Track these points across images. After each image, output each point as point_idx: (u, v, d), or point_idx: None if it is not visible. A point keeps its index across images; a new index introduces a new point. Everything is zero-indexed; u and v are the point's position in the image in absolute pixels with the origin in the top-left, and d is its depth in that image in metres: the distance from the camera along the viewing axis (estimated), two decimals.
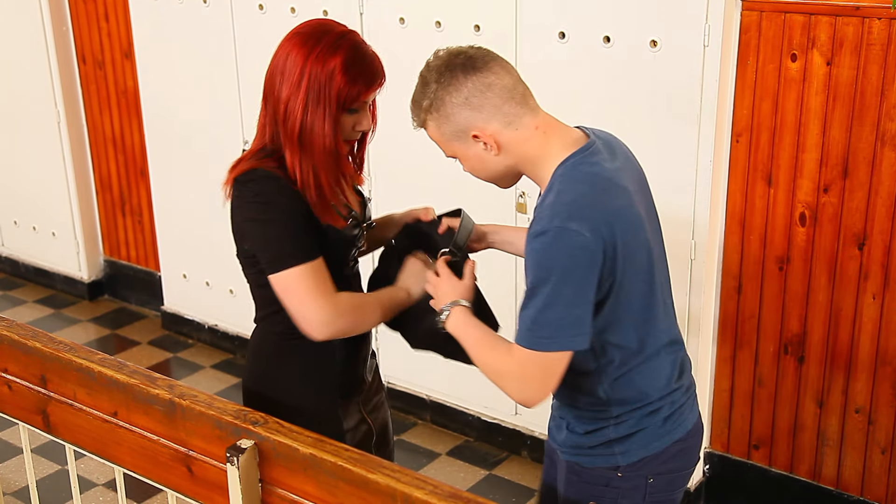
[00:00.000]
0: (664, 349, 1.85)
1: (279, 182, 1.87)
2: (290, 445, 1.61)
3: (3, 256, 5.03)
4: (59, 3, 4.34)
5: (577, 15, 2.89)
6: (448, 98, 1.74)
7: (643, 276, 1.77)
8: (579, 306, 1.67)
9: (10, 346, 1.97)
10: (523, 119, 1.76)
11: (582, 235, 1.64)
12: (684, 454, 1.89)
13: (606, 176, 1.74)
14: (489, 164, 1.79)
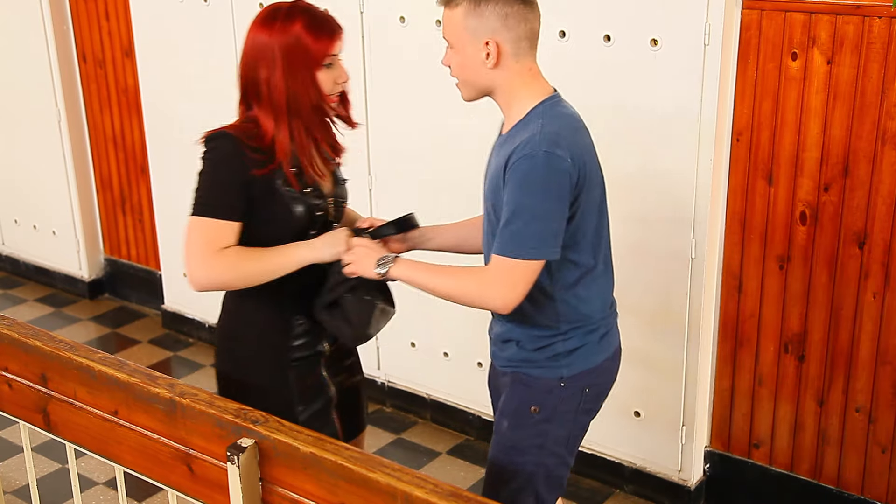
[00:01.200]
0: (604, 277, 2.13)
1: (230, 142, 2.03)
2: (291, 444, 1.61)
3: (4, 255, 5.04)
4: (60, 2, 4.35)
5: (577, 14, 2.89)
6: (493, 4, 1.94)
7: (596, 206, 2.05)
8: (556, 221, 1.92)
9: (10, 345, 1.97)
10: (526, 59, 2.01)
11: (566, 161, 1.90)
12: (611, 370, 2.20)
13: (577, 117, 2.05)
14: (476, 70, 2.00)
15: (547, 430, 2.11)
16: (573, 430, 2.15)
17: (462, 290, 1.99)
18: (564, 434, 2.13)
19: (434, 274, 2.02)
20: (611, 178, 2.96)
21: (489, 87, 2.03)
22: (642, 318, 3.04)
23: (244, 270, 2.02)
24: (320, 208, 2.12)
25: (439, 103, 3.26)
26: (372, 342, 3.70)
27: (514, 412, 2.13)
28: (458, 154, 3.27)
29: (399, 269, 2.03)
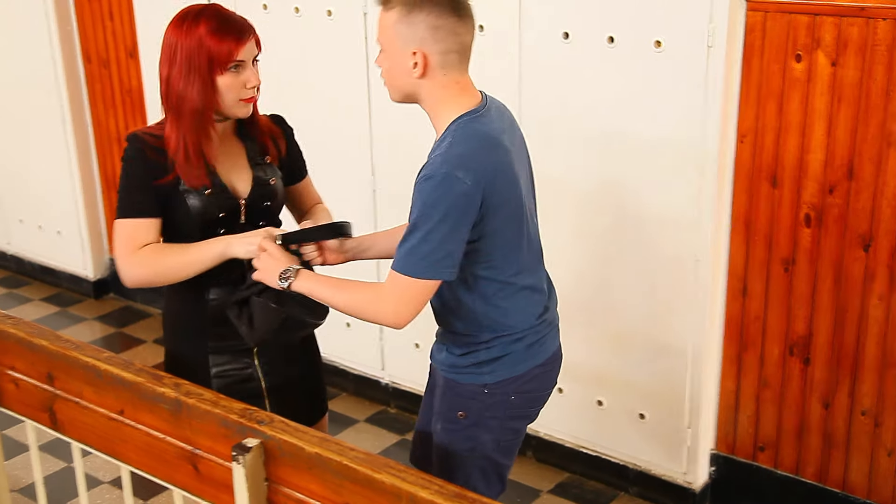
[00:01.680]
0: (528, 289, 2.13)
1: (136, 143, 2.14)
2: (296, 444, 1.62)
3: (9, 255, 5.06)
4: (64, 3, 4.36)
5: (581, 15, 2.90)
6: (425, 14, 1.95)
7: (514, 224, 2.05)
8: (452, 243, 1.93)
9: (16, 344, 1.98)
10: (454, 71, 2.01)
11: (465, 183, 1.90)
12: (543, 378, 2.21)
13: (493, 135, 2.00)
14: (403, 76, 2.01)
15: (475, 435, 2.15)
16: (502, 434, 2.18)
17: (358, 305, 2.02)
18: (493, 438, 2.16)
19: (334, 288, 2.04)
20: (614, 180, 2.98)
21: (414, 95, 2.04)
22: (647, 320, 3.05)
23: (162, 265, 2.13)
24: (225, 208, 2.17)
25: None
26: (376, 343, 3.72)
27: (446, 416, 2.19)
28: None
29: (301, 282, 2.05)
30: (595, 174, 3.02)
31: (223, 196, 2.17)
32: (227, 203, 2.18)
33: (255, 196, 2.22)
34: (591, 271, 3.12)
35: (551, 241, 3.15)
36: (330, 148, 3.48)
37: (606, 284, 3.11)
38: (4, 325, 2.00)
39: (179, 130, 2.12)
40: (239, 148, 2.24)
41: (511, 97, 3.09)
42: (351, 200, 3.44)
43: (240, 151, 2.24)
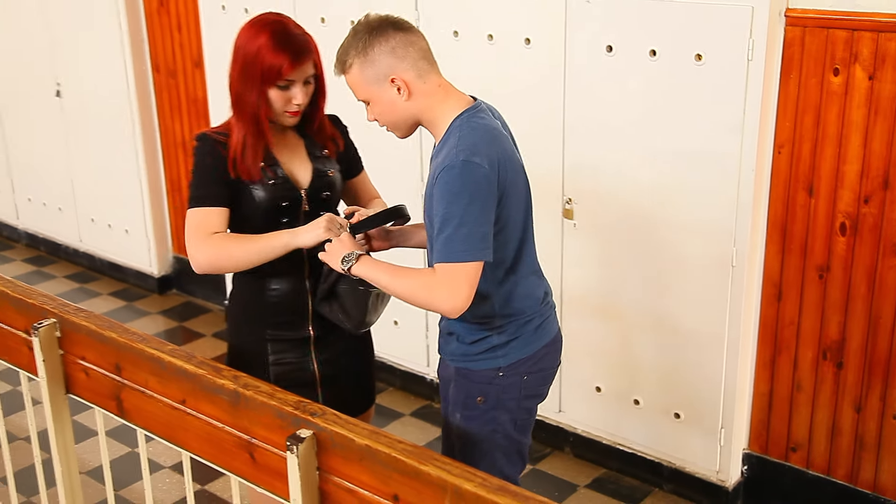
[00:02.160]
0: (534, 274, 2.17)
1: (207, 141, 2.18)
2: (347, 436, 1.61)
3: (81, 251, 5.14)
4: (136, 16, 4.43)
5: (624, 29, 2.87)
6: (377, 46, 1.98)
7: (521, 211, 2.09)
8: (485, 224, 1.94)
9: (88, 336, 2.01)
10: (431, 76, 2.03)
11: (483, 167, 1.92)
12: (550, 356, 2.23)
13: (494, 127, 2.04)
14: (398, 108, 2.03)
15: (495, 417, 2.17)
16: (519, 414, 2.20)
17: (414, 292, 2.01)
18: (511, 418, 2.19)
19: (391, 275, 2.04)
20: (653, 188, 2.94)
21: (414, 118, 2.06)
22: (684, 323, 3.01)
23: (229, 252, 2.14)
24: (288, 197, 2.19)
25: None
26: (422, 340, 3.71)
27: (464, 404, 2.19)
28: None
29: (361, 267, 2.06)
30: (636, 182, 2.99)
31: (285, 186, 2.20)
32: (290, 193, 2.21)
33: (315, 186, 2.24)
34: (631, 275, 3.09)
35: (593, 246, 3.14)
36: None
37: (645, 288, 3.07)
38: (77, 318, 2.02)
39: (240, 127, 2.16)
40: (299, 142, 2.27)
41: (555, 108, 3.08)
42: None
43: (300, 146, 2.27)
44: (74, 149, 4.90)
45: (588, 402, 3.33)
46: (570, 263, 3.21)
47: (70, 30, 4.64)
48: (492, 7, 3.15)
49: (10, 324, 2.18)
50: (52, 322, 2.05)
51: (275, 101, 2.14)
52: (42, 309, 2.08)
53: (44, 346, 2.05)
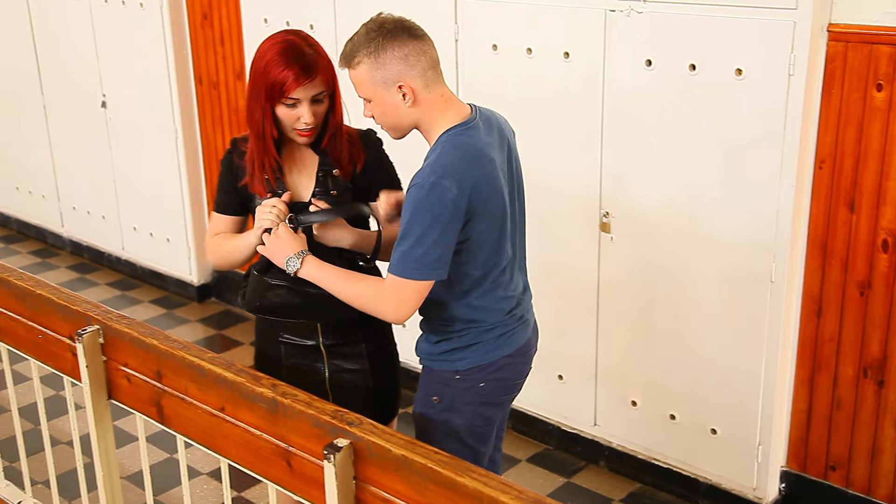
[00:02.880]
0: (502, 288, 2.15)
1: (229, 150, 2.27)
2: (383, 446, 1.62)
3: (123, 259, 5.21)
4: (181, 30, 4.49)
5: (663, 43, 2.86)
6: (391, 50, 1.99)
7: (496, 230, 2.09)
8: (442, 246, 1.97)
9: (130, 343, 2.03)
10: (436, 86, 2.05)
11: (451, 191, 1.94)
12: (512, 368, 2.23)
13: (478, 147, 2.03)
14: (400, 113, 2.04)
15: (448, 419, 2.19)
16: (474, 420, 2.21)
17: (361, 299, 2.06)
18: (465, 423, 2.20)
19: (339, 280, 2.08)
20: (694, 202, 2.92)
21: (413, 124, 2.07)
22: (722, 338, 2.98)
23: (221, 251, 2.27)
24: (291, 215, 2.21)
25: (530, 130, 3.26)
26: None
27: (422, 401, 2.24)
28: (550, 177, 3.26)
29: (307, 268, 2.10)
30: (674, 196, 2.97)
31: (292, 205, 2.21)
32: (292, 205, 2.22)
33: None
34: (667, 289, 3.07)
35: (629, 259, 3.12)
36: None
37: (682, 302, 3.05)
38: (120, 325, 2.05)
39: (250, 140, 2.19)
40: (313, 159, 2.25)
41: (593, 122, 3.07)
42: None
43: (312, 163, 2.25)
44: (118, 158, 4.97)
45: (623, 417, 3.30)
46: (606, 277, 3.20)
47: (117, 42, 4.72)
48: (531, 21, 3.15)
49: (54, 330, 2.21)
50: (96, 329, 2.08)
51: (282, 119, 2.13)
52: (86, 316, 2.12)
53: (87, 352, 2.08)
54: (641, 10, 2.87)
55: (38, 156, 5.45)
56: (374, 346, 2.36)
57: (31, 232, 5.78)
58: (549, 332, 3.40)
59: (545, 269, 3.36)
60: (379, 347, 2.38)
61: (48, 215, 5.58)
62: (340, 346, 2.30)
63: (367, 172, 2.28)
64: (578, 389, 3.39)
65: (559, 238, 3.29)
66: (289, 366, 2.31)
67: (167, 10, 4.40)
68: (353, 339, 2.30)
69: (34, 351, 2.30)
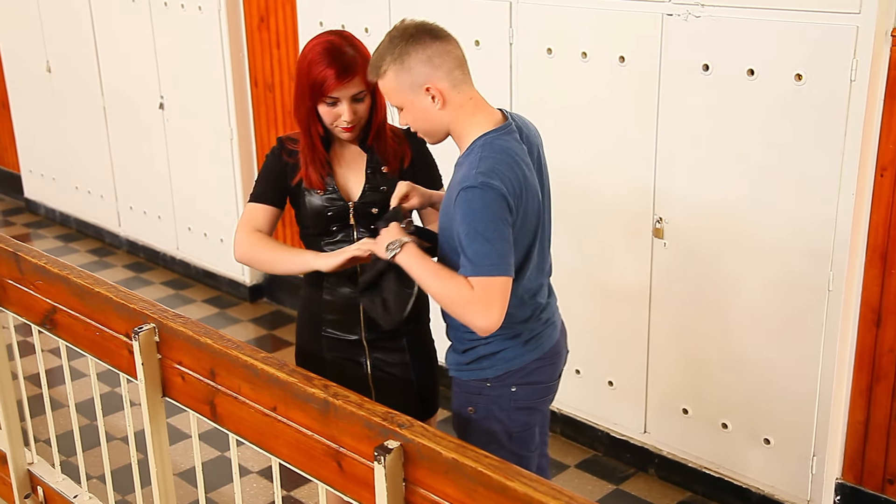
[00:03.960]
0: (528, 293, 2.13)
1: (276, 146, 2.32)
2: (434, 449, 1.62)
3: (178, 259, 5.29)
4: (238, 33, 4.55)
5: (721, 47, 2.82)
6: (414, 54, 2.00)
7: (530, 235, 2.08)
8: (506, 242, 1.96)
9: (185, 342, 2.06)
10: (464, 87, 2.05)
11: (500, 188, 1.95)
12: (543, 371, 2.21)
13: (516, 151, 2.04)
14: (432, 116, 2.04)
15: (487, 428, 2.18)
16: (512, 426, 2.19)
17: (450, 299, 1.99)
18: (504, 430, 2.19)
19: (432, 274, 2.03)
20: (750, 209, 2.88)
21: (446, 126, 2.07)
22: (777, 346, 2.93)
23: (258, 255, 2.27)
24: (333, 209, 2.26)
25: (583, 134, 3.24)
26: None
27: (458, 414, 2.23)
28: (603, 182, 3.24)
29: (404, 256, 2.06)
30: (730, 202, 2.93)
31: (334, 198, 2.27)
32: (337, 204, 2.27)
33: (364, 201, 2.28)
34: (721, 297, 3.03)
35: (683, 265, 3.08)
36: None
37: (736, 310, 3.00)
38: (175, 324, 2.08)
39: (301, 140, 2.26)
40: (361, 156, 2.31)
41: (648, 127, 3.04)
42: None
43: (360, 159, 2.31)
44: (174, 160, 5.05)
45: (674, 424, 3.26)
46: (659, 283, 3.16)
47: (175, 45, 4.79)
48: (586, 24, 3.13)
49: (112, 327, 2.25)
50: (152, 327, 2.11)
51: (324, 117, 2.20)
52: (142, 314, 2.15)
53: (143, 350, 2.11)
54: (699, 14, 2.84)
55: (98, 157, 5.56)
56: (415, 341, 2.39)
57: (90, 231, 5.90)
58: (599, 338, 3.38)
59: (597, 275, 3.34)
60: (419, 342, 2.41)
61: (106, 215, 5.69)
62: (382, 339, 2.34)
63: (414, 169, 2.34)
64: (628, 396, 3.36)
65: (611, 243, 3.27)
66: (331, 360, 2.35)
67: (225, 14, 4.46)
68: (394, 333, 2.33)
69: (91, 348, 2.35)
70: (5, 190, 6.73)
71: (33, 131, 6.09)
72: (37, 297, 2.47)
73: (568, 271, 3.41)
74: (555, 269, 2.22)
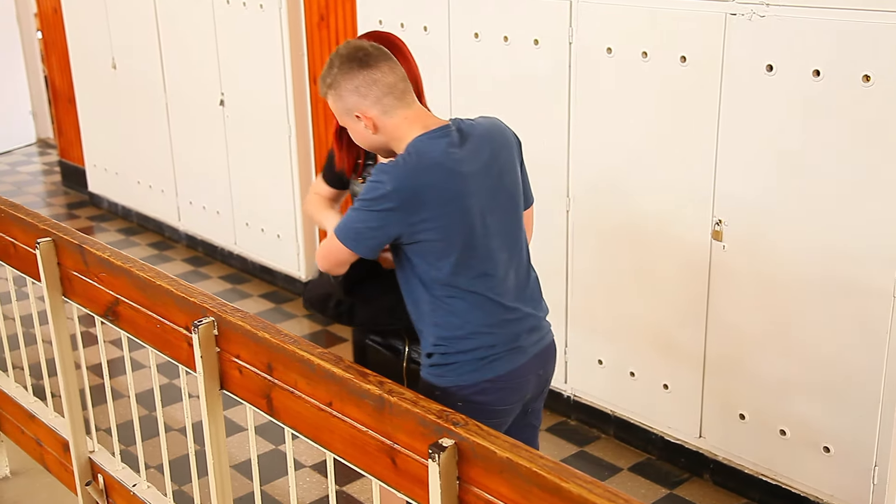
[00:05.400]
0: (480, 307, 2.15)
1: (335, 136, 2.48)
2: (488, 448, 1.61)
3: (235, 254, 5.36)
4: (298, 30, 4.59)
5: (786, 47, 2.77)
6: (344, 83, 2.12)
7: (456, 242, 2.10)
8: (369, 229, 2.09)
9: (243, 336, 2.08)
10: (397, 111, 2.13)
11: (387, 186, 2.04)
12: (494, 393, 2.19)
13: (435, 156, 2.08)
14: (368, 138, 2.18)
15: None
16: None
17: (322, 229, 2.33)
18: None
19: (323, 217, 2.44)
20: (815, 214, 2.82)
21: (385, 145, 2.18)
22: (839, 353, 2.87)
23: (305, 207, 2.62)
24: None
25: (643, 134, 3.21)
26: (560, 357, 3.67)
27: None
28: (661, 183, 3.21)
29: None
30: (794, 206, 2.87)
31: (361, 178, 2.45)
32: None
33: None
34: (783, 302, 2.97)
35: (743, 269, 3.03)
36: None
37: (797, 315, 2.95)
38: (234, 318, 2.10)
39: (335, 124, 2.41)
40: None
41: (709, 128, 3.00)
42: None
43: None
44: (234, 156, 5.12)
45: (730, 429, 3.21)
46: (716, 286, 3.12)
47: (236, 42, 4.86)
48: (647, 24, 3.10)
49: (172, 320, 2.29)
50: (211, 320, 2.14)
51: None
52: (202, 308, 2.18)
53: (202, 343, 2.14)
54: (764, 14, 2.79)
55: (159, 152, 5.67)
56: None
57: (150, 225, 6.01)
58: (654, 341, 3.35)
59: (654, 277, 3.30)
60: None
61: (166, 209, 5.80)
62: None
63: None
64: (684, 400, 3.32)
65: (668, 245, 3.23)
66: (372, 345, 2.48)
67: (285, 11, 4.51)
68: None
69: (152, 340, 2.39)
70: (71, 184, 6.90)
71: (98, 127, 6.23)
72: (100, 289, 2.52)
73: (623, 272, 3.38)
74: (610, 270, 2.19)
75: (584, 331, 3.58)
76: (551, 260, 3.56)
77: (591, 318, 3.55)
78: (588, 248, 3.47)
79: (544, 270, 3.59)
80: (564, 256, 3.54)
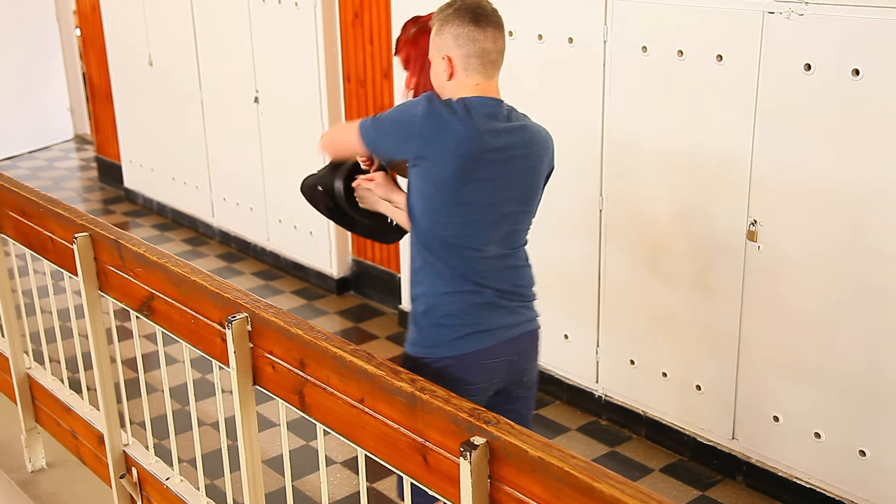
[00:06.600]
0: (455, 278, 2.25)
1: None
2: (520, 447, 1.61)
3: (268, 250, 5.39)
4: (332, 29, 4.61)
5: (825, 46, 2.73)
6: (450, 25, 2.23)
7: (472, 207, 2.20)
8: (385, 135, 2.26)
9: (276, 332, 2.09)
10: (476, 74, 2.23)
11: (419, 109, 2.18)
12: (450, 372, 2.26)
13: (474, 115, 2.17)
14: (441, 82, 2.27)
15: None
16: None
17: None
18: None
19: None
20: (852, 217, 2.78)
21: (448, 95, 2.24)
22: (875, 356, 2.83)
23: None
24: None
25: (678, 134, 3.19)
26: (591, 356, 3.66)
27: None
28: (693, 178, 3.18)
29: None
30: (832, 208, 2.84)
31: None
32: None
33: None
34: (817, 304, 2.94)
35: (777, 270, 3.00)
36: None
37: (831, 317, 2.91)
38: (267, 314, 2.11)
39: None
40: None
41: (745, 127, 2.97)
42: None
43: None
44: (267, 152, 5.15)
45: (764, 431, 3.18)
46: (751, 287, 3.09)
47: (271, 40, 4.89)
48: (683, 22, 3.07)
49: (206, 315, 2.30)
50: (244, 316, 2.15)
51: None
52: (236, 303, 2.19)
53: (236, 339, 2.15)
54: (802, 12, 2.75)
55: (194, 149, 5.71)
56: None
57: (185, 221, 6.07)
58: (688, 342, 3.32)
59: (689, 277, 3.28)
60: None
61: (200, 205, 5.85)
62: None
63: None
64: (717, 401, 3.29)
65: (702, 246, 3.20)
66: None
67: (320, 9, 4.53)
68: None
69: (186, 335, 2.40)
70: (107, 179, 6.98)
71: (134, 123, 6.30)
72: (136, 284, 2.54)
73: (660, 272, 3.36)
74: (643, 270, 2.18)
75: (616, 331, 3.56)
76: (584, 260, 3.54)
77: (623, 318, 3.53)
78: (621, 248, 3.46)
79: (577, 270, 3.59)
80: (597, 256, 3.52)
